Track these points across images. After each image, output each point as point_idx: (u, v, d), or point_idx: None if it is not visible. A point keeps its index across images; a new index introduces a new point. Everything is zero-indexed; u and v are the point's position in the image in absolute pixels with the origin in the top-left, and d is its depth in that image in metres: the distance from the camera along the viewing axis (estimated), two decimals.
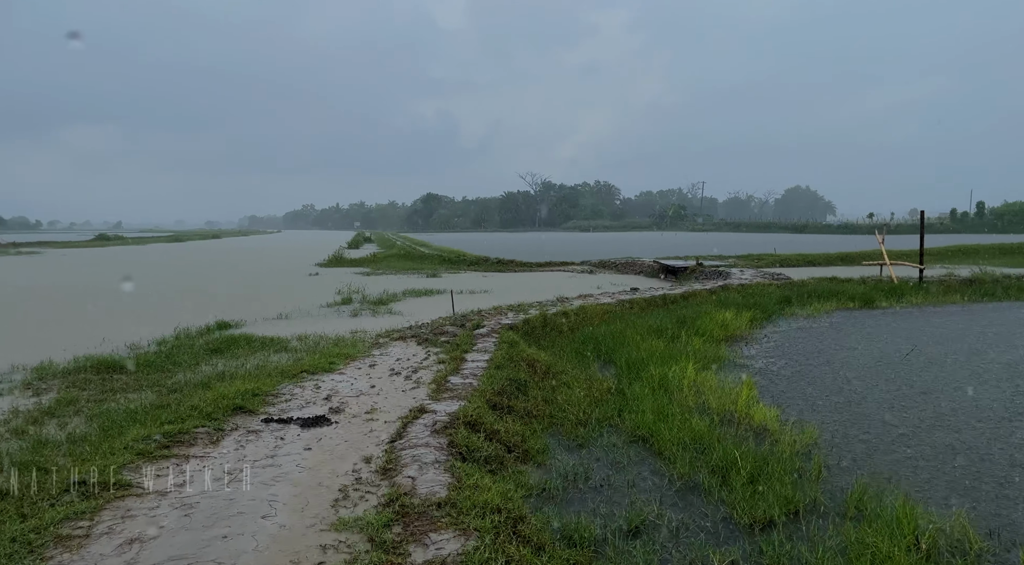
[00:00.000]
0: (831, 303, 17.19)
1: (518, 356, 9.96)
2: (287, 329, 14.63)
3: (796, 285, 19.58)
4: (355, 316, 17.03)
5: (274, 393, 8.22)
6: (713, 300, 17.10)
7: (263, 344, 12.57)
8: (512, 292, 22.02)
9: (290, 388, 8.55)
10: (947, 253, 35.57)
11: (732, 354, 11.52)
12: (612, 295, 17.83)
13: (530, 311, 14.51)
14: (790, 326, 14.65)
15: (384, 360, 10.50)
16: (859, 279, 20.56)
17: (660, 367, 9.51)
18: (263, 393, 8.09)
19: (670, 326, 13.07)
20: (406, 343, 12.25)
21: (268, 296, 22.34)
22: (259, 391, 8.15)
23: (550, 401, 8.18)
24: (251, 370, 10.07)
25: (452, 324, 13.12)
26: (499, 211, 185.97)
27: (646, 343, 11.46)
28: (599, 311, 14.67)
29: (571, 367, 9.96)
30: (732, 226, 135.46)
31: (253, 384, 8.48)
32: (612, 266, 31.13)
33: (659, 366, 9.61)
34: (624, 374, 9.65)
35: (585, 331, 12.78)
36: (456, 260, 36.44)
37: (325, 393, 8.28)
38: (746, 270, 23.76)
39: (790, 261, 32.69)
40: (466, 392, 7.87)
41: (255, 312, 17.59)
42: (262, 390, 8.21)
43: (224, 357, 11.43)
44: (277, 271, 35.09)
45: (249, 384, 8.47)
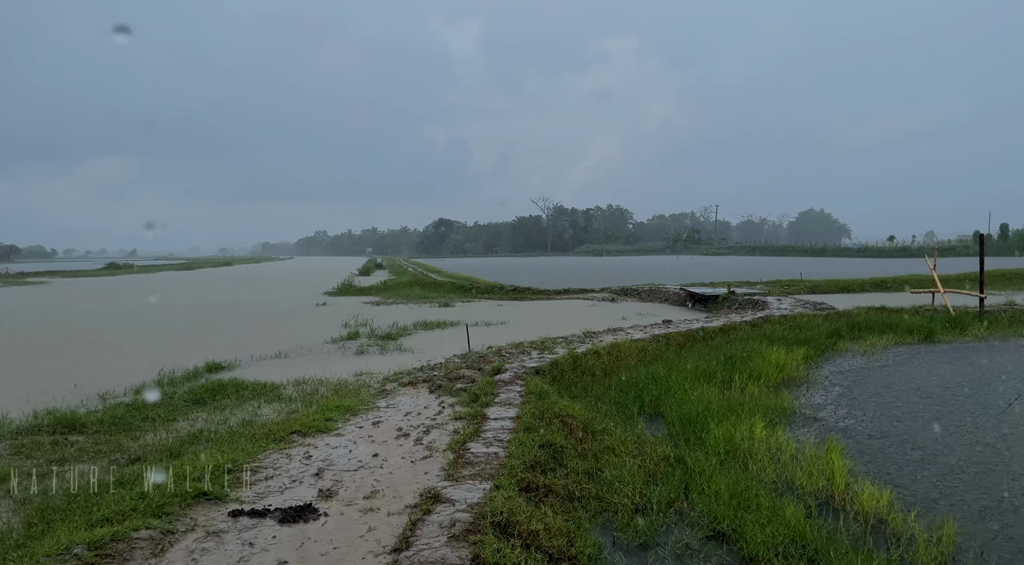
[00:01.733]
0: (887, 337, 15.49)
1: (549, 411, 8.36)
2: (284, 371, 13.12)
3: (843, 316, 17.89)
4: (361, 354, 15.51)
5: (254, 466, 6.65)
6: (756, 334, 15.45)
7: (254, 391, 11.05)
8: (531, 324, 20.44)
9: (275, 457, 6.98)
10: (988, 278, 33.65)
11: (796, 402, 9.86)
12: (644, 329, 16.20)
13: (556, 350, 12.91)
14: (849, 365, 12.97)
15: (390, 415, 8.92)
16: (911, 309, 18.84)
17: (721, 425, 7.89)
18: (239, 467, 6.52)
19: (718, 368, 11.44)
20: (417, 390, 10.68)
21: (270, 330, 20.88)
22: (235, 464, 6.59)
23: (595, 475, 6.57)
24: (234, 428, 8.53)
25: (468, 366, 11.54)
26: (511, 236, 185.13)
27: (696, 390, 9.84)
28: (633, 349, 13.06)
29: (612, 423, 8.34)
30: (747, 249, 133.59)
31: (230, 454, 6.92)
32: (634, 293, 29.52)
33: (719, 423, 7.99)
34: (679, 434, 8.03)
35: (622, 375, 11.17)
36: (469, 287, 34.94)
37: (316, 466, 6.70)
38: (784, 299, 22.08)
39: (822, 287, 30.95)
40: (491, 467, 6.28)
41: (253, 349, 16.12)
42: (239, 463, 6.65)
43: (207, 410, 9.91)
44: (284, 301, 33.72)
45: (225, 454, 6.91)
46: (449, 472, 6.26)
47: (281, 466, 6.70)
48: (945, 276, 34.60)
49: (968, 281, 32.95)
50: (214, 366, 13.64)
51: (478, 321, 20.76)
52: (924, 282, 32.43)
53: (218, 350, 16.25)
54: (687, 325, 16.47)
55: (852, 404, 9.92)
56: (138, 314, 26.91)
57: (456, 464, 6.46)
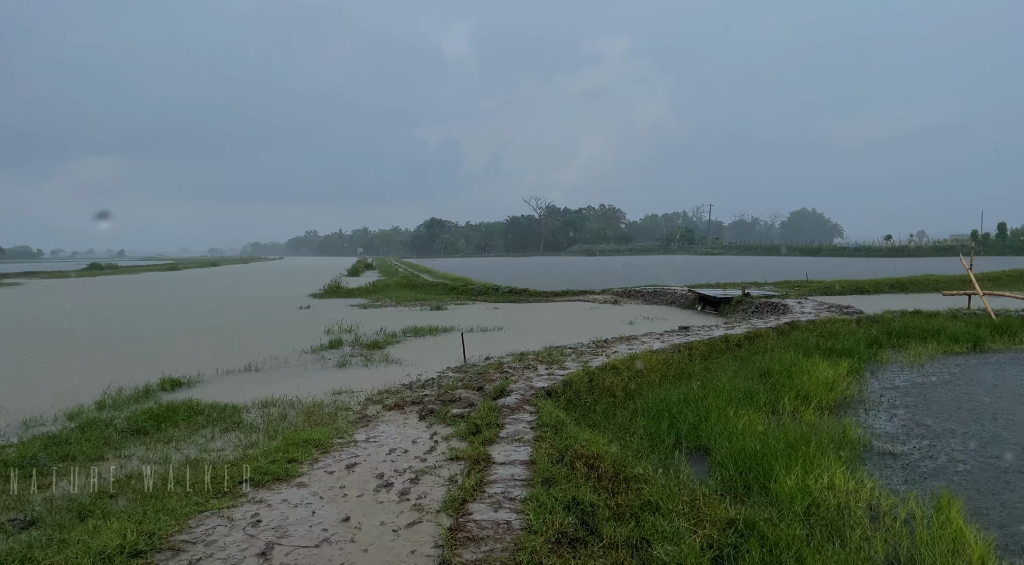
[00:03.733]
0: (932, 346, 13.85)
1: (570, 450, 6.63)
2: (251, 389, 11.35)
3: (876, 321, 16.25)
4: (342, 366, 13.74)
5: (180, 539, 4.90)
6: (786, 343, 13.79)
7: (210, 417, 9.27)
8: (531, 329, 18.71)
9: (212, 523, 5.23)
10: (1004, 278, 32.19)
11: (861, 431, 8.16)
12: (660, 337, 14.50)
13: (566, 364, 11.18)
14: (902, 380, 11.31)
15: (371, 452, 7.18)
16: (947, 313, 17.22)
17: (791, 469, 6.17)
18: (156, 544, 4.77)
19: (759, 387, 9.74)
20: (404, 416, 8.93)
21: (244, 337, 19.07)
22: (153, 538, 4.84)
23: (641, 550, 4.84)
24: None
25: (466, 384, 9.79)
26: (503, 235, 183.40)
27: (741, 417, 8.14)
28: (655, 362, 11.35)
29: (649, 465, 6.61)
30: (742, 249, 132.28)
31: (151, 520, 5.17)
32: (638, 295, 27.82)
33: (786, 466, 6.28)
34: (735, 479, 6.32)
35: (648, 396, 9.45)
36: (463, 289, 33.14)
37: (265, 539, 4.95)
38: (804, 302, 20.41)
39: (835, 289, 29.37)
40: (502, 545, 4.55)
41: (222, 360, 14.34)
42: (159, 534, 4.89)
43: (147, 443, 8.12)
44: (266, 303, 31.87)
45: (143, 521, 5.15)
46: (446, 555, 4.52)
47: (217, 539, 4.94)
48: (956, 277, 33.13)
49: (988, 281, 31.47)
50: (171, 383, 11.84)
51: (473, 326, 19.01)
52: (940, 283, 30.93)
53: (182, 361, 14.45)
54: (708, 332, 14.76)
55: (929, 434, 8.23)
56: (103, 318, 24.99)
57: (454, 540, 4.72)
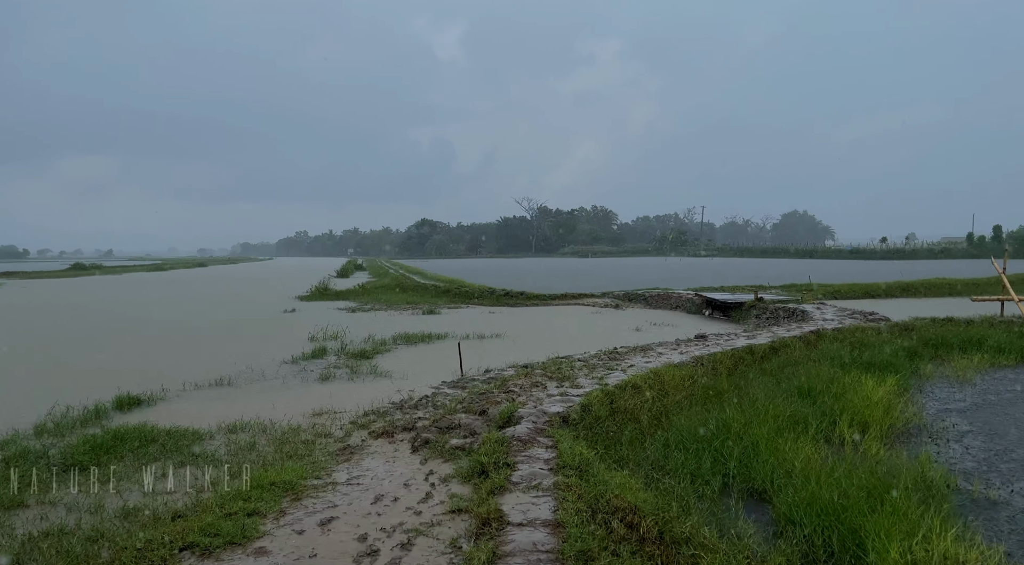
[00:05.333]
0: (976, 358, 12.57)
1: (602, 501, 5.27)
2: (219, 408, 9.94)
3: (908, 330, 14.97)
4: (325, 380, 12.33)
5: None
6: (816, 355, 12.49)
7: (165, 446, 7.85)
8: (532, 337, 17.35)
9: None
10: (1018, 282, 31.03)
11: (938, 466, 6.82)
12: (676, 347, 13.15)
13: (579, 381, 9.80)
14: (958, 400, 10.01)
15: (351, 502, 5.78)
16: (981, 320, 15.96)
17: (889, 535, 4.82)
18: None
19: (805, 409, 8.40)
20: (394, 446, 7.55)
21: (221, 344, 17.62)
22: None
23: None
24: (99, 527, 5.33)
25: (466, 408, 8.40)
26: (495, 236, 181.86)
27: (798, 452, 6.79)
28: (678, 379, 10.00)
29: (699, 520, 5.24)
30: (736, 251, 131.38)
31: None
32: (640, 299, 26.49)
33: (878, 526, 4.93)
34: (818, 546, 4.96)
35: (678, 421, 8.09)
36: (457, 292, 31.72)
37: None
38: (824, 307, 19.12)
39: (843, 293, 28.19)
40: None
41: (192, 371, 12.92)
42: None
43: (83, 483, 6.69)
44: (249, 306, 30.38)
45: None
46: None
47: None
48: (968, 280, 31.99)
49: (999, 285, 30.33)
50: (127, 401, 10.39)
51: (469, 333, 17.62)
52: (953, 287, 29.84)
53: (147, 371, 13.02)
54: (728, 342, 13.43)
55: (1022, 471, 6.91)
56: (73, 322, 23.44)
57: None
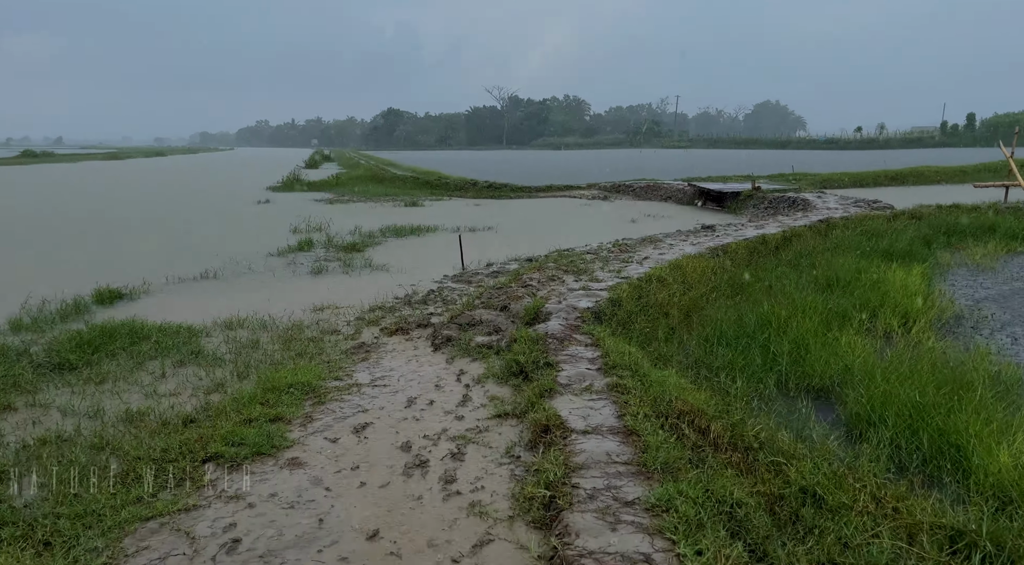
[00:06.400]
0: (991, 245, 12.29)
1: (663, 405, 4.77)
2: (210, 303, 9.22)
3: (916, 218, 14.60)
4: (318, 273, 11.61)
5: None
6: (830, 245, 12.07)
7: (159, 344, 7.16)
8: (527, 229, 16.68)
9: (156, 546, 3.26)
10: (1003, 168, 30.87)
11: (998, 359, 6.47)
12: (686, 238, 12.61)
13: (597, 274, 9.22)
14: (987, 287, 9.71)
15: (383, 406, 5.22)
16: (988, 207, 15.66)
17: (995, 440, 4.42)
18: None
19: (843, 301, 7.98)
20: (413, 345, 6.95)
21: (197, 236, 16.67)
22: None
23: None
24: (102, 434, 4.71)
25: (485, 303, 7.79)
26: (465, 127, 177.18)
27: (853, 349, 6.37)
28: (699, 270, 9.48)
29: (774, 424, 4.80)
30: (710, 142, 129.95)
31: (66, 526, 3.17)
32: (628, 190, 25.77)
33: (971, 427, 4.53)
34: (905, 450, 4.55)
35: (711, 316, 7.61)
36: (437, 184, 30.61)
37: None
38: (825, 196, 18.61)
39: (833, 181, 27.79)
40: None
41: (172, 264, 12.10)
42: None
43: (75, 383, 6.02)
44: (219, 197, 28.99)
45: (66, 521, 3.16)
46: None
47: None
48: (954, 168, 31.81)
49: (988, 172, 30.21)
50: (107, 294, 9.60)
51: (460, 226, 16.86)
52: (940, 174, 29.74)
53: (123, 265, 12.17)
54: (738, 232, 12.92)
55: None
56: (33, 213, 22.03)
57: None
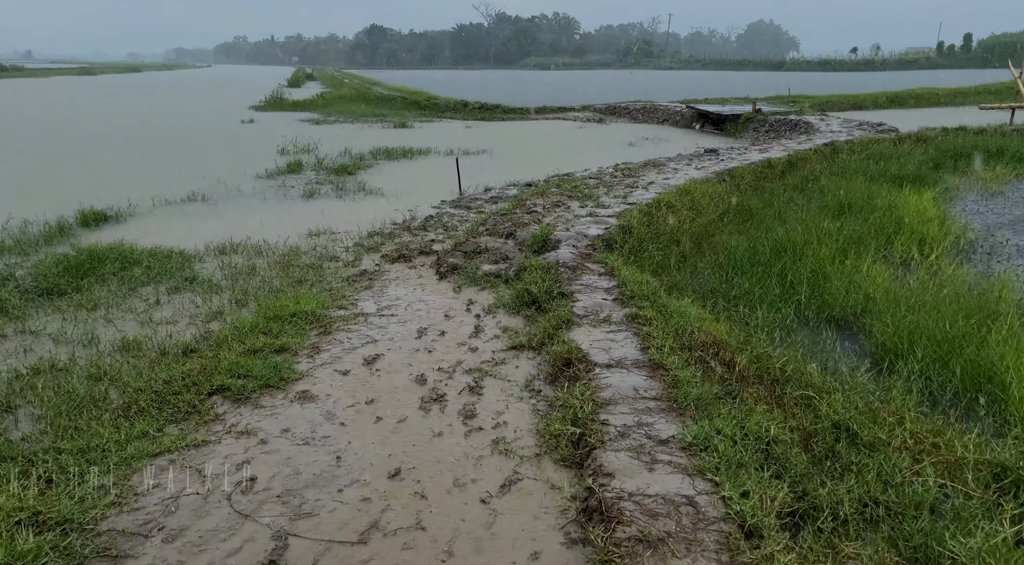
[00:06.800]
0: (998, 169, 12.06)
1: (684, 336, 4.60)
2: (200, 227, 8.89)
3: (922, 141, 14.28)
4: (310, 197, 11.22)
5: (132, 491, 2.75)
6: (837, 169, 11.80)
7: (151, 269, 6.88)
8: (523, 153, 16.22)
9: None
10: (1004, 90, 30.34)
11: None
12: (691, 163, 12.26)
13: (602, 200, 8.92)
14: (996, 213, 9.52)
15: (392, 337, 5.02)
16: (994, 129, 15.35)
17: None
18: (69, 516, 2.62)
19: (857, 227, 7.77)
20: (417, 273, 6.71)
21: (180, 156, 16.10)
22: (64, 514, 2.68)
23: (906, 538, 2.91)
24: (100, 364, 4.47)
25: (490, 231, 7.51)
26: (451, 46, 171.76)
27: (874, 277, 6.19)
28: (707, 196, 9.20)
29: (799, 357, 4.65)
30: (703, 63, 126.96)
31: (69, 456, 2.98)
32: (624, 113, 25.11)
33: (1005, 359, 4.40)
34: (937, 381, 4.43)
35: (722, 243, 7.39)
36: (425, 105, 29.66)
37: (273, 528, 2.84)
38: (828, 118, 18.17)
39: (833, 104, 27.20)
40: (707, 557, 2.54)
41: (155, 186, 11.66)
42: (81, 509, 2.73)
43: (64, 311, 5.76)
44: (201, 116, 28.02)
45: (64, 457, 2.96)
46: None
47: (178, 516, 2.81)
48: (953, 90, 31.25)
49: (989, 94, 29.70)
50: (92, 216, 9.22)
51: (453, 148, 16.34)
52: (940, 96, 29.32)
53: (105, 186, 11.73)
54: (743, 156, 12.57)
55: None
56: (5, 130, 21.14)
57: (610, 545, 2.67)
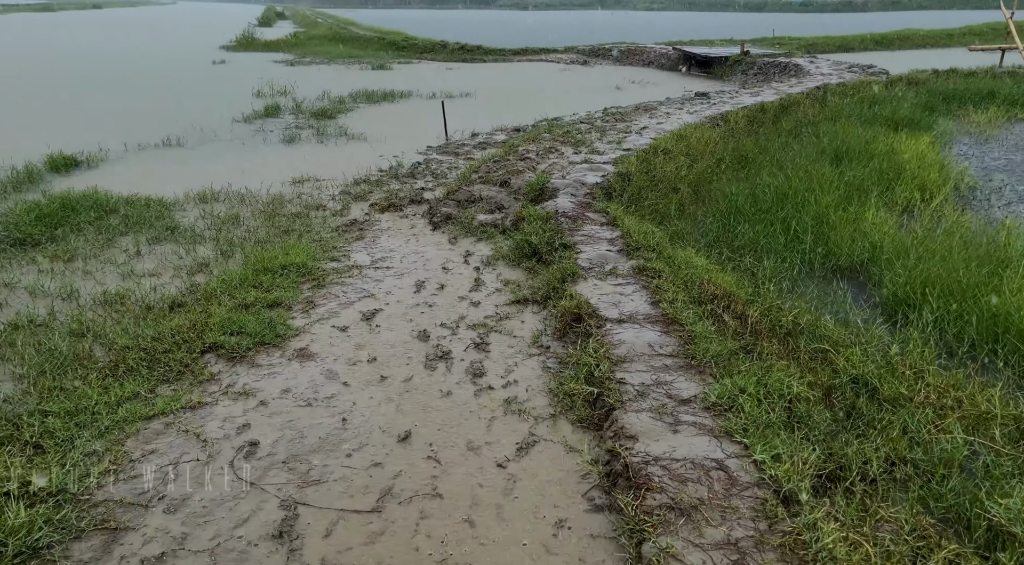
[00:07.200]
0: (991, 111, 11.92)
1: (694, 288, 4.45)
2: (177, 173, 8.54)
3: (913, 84, 14.06)
4: (290, 142, 10.81)
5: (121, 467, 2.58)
6: (829, 113, 11.55)
7: (129, 218, 6.58)
8: (507, 96, 15.75)
9: (165, 450, 2.91)
10: (988, 31, 30.04)
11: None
12: (682, 106, 11.96)
13: (596, 146, 8.66)
14: (992, 157, 9.41)
15: (389, 291, 4.82)
16: (984, 72, 15.13)
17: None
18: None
19: (860, 174, 7.61)
20: (409, 222, 6.47)
21: (151, 98, 15.46)
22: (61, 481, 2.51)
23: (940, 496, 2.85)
24: (81, 317, 4.23)
25: (483, 178, 7.24)
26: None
27: (879, 225, 6.07)
28: (704, 140, 8.96)
29: (811, 308, 4.53)
30: (685, 4, 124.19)
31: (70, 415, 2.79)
32: (608, 55, 24.48)
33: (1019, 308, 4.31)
34: (951, 332, 4.35)
35: (720, 190, 7.20)
36: (403, 45, 28.69)
37: (280, 497, 2.69)
38: (818, 61, 17.80)
39: (819, 46, 26.75)
40: (751, 521, 2.43)
41: (129, 129, 11.22)
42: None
43: (39, 262, 5.46)
44: (169, 57, 26.82)
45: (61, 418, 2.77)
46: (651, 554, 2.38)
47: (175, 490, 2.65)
48: (940, 31, 30.90)
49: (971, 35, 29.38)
50: (62, 161, 8.80)
51: (435, 91, 15.82)
52: (927, 38, 29.02)
53: (75, 131, 11.20)
54: (734, 100, 12.27)
55: None
56: None
57: (641, 514, 2.55)
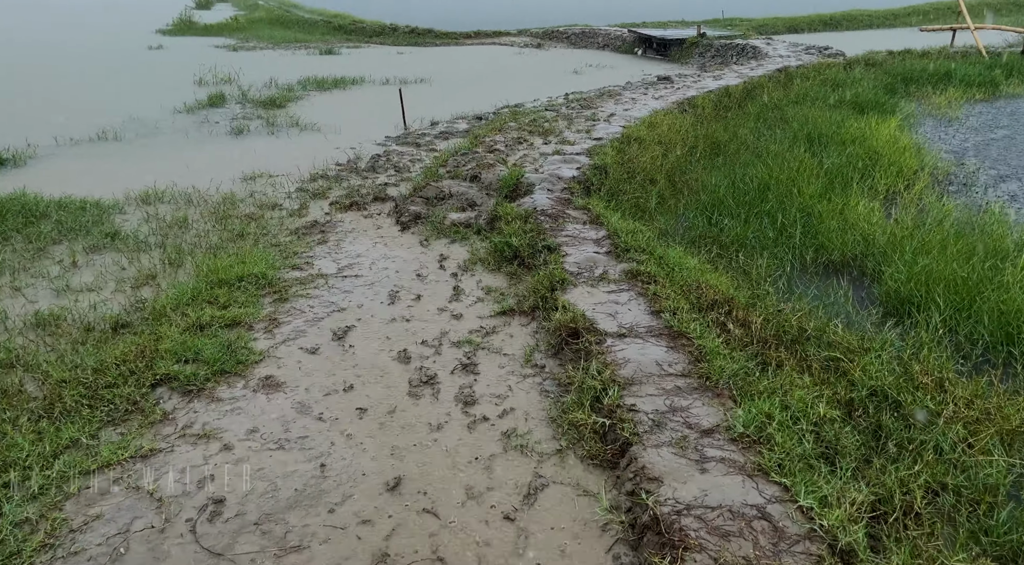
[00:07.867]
0: (950, 92, 11.97)
1: (692, 294, 4.16)
2: (115, 171, 7.91)
3: (872, 65, 14.08)
4: (239, 134, 10.19)
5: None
6: (795, 97, 11.43)
7: (63, 224, 6.01)
8: (464, 82, 15.25)
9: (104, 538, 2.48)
10: (932, 11, 30.56)
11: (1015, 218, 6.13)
12: (647, 92, 11.68)
13: (565, 135, 8.30)
14: (959, 139, 9.39)
15: (361, 303, 4.42)
16: (937, 53, 15.25)
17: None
18: None
19: (837, 161, 7.44)
20: (376, 223, 6.04)
21: (82, 87, 14.56)
22: None
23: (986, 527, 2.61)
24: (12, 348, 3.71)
25: (452, 173, 6.82)
26: None
27: (868, 217, 5.88)
28: (674, 129, 8.68)
29: (817, 312, 4.27)
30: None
31: None
32: (562, 37, 24.07)
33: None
34: (962, 333, 4.16)
35: (697, 181, 6.93)
36: (351, 29, 27.75)
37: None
38: (775, 42, 17.68)
39: (768, 27, 26.80)
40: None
41: (58, 124, 10.37)
42: None
43: None
44: (100, 40, 25.37)
45: None
46: None
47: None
48: (885, 11, 31.30)
49: (915, 14, 29.83)
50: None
51: (389, 77, 15.22)
52: (873, 18, 29.35)
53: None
54: (698, 85, 12.03)
55: None
56: None
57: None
